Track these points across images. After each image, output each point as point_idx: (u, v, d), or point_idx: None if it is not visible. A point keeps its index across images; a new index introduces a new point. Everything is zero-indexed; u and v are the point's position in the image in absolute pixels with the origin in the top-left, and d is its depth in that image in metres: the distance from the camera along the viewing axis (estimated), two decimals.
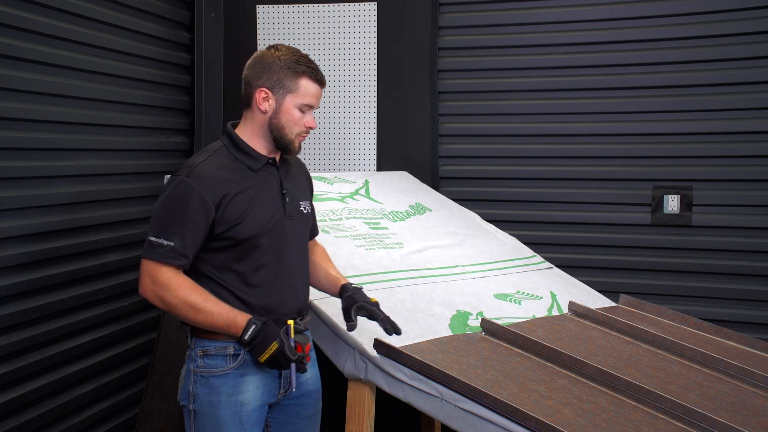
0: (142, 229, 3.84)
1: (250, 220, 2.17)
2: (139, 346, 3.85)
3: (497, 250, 3.48)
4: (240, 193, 2.18)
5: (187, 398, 2.23)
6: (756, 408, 2.35)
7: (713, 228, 3.86)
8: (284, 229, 2.26)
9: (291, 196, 2.30)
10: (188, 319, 2.14)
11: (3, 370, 2.97)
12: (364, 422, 2.52)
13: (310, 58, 2.29)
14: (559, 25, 4.05)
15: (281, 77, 2.20)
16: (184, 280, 2.12)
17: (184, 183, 2.12)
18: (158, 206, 2.15)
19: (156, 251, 2.10)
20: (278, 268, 2.24)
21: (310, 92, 2.22)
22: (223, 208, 2.14)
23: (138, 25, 3.78)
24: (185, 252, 2.11)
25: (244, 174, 2.21)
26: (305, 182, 2.45)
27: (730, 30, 3.79)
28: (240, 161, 2.22)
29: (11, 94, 3.00)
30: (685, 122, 3.89)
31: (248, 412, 2.22)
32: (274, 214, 2.24)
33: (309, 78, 2.22)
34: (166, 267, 2.10)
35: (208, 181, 2.13)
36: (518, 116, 4.14)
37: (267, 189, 2.24)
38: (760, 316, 3.78)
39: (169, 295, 2.10)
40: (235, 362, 2.20)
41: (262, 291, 2.22)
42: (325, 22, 4.25)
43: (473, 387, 2.23)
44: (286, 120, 2.22)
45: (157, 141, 4.00)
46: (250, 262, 2.20)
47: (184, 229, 2.10)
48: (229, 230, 2.15)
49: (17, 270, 3.04)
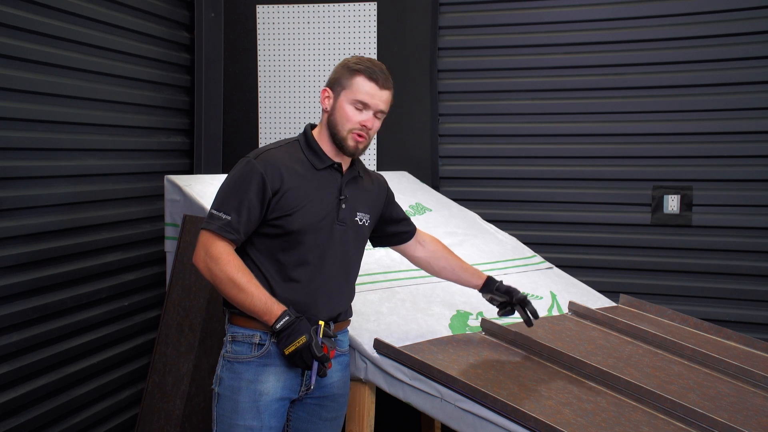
0: (142, 229, 3.84)
1: (300, 214, 2.23)
2: (139, 346, 3.85)
3: (497, 250, 3.48)
4: (298, 186, 2.24)
5: (215, 381, 2.31)
6: (756, 408, 2.35)
7: (713, 228, 3.86)
8: (333, 232, 2.29)
9: (349, 204, 2.33)
10: (229, 296, 2.20)
11: (3, 370, 2.97)
12: (364, 422, 2.52)
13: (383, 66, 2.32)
14: (559, 25, 4.05)
15: (340, 76, 2.29)
16: (234, 258, 2.19)
17: (251, 163, 2.22)
18: (224, 182, 2.26)
19: (213, 223, 2.20)
20: (318, 268, 2.28)
21: (364, 89, 2.26)
22: (280, 195, 2.21)
23: (138, 25, 3.78)
24: (239, 228, 2.19)
25: (307, 170, 2.28)
26: (375, 198, 2.45)
27: (730, 30, 3.79)
28: (308, 158, 2.30)
29: (11, 94, 3.00)
30: (685, 122, 3.89)
31: (266, 402, 2.24)
32: (327, 215, 2.28)
33: (364, 76, 2.27)
34: (221, 241, 2.18)
35: (271, 166, 2.22)
36: (518, 116, 4.14)
37: (325, 190, 2.29)
38: (760, 316, 3.78)
39: (217, 269, 2.17)
40: (260, 351, 2.24)
41: (297, 287, 2.25)
42: (325, 22, 4.25)
43: (473, 387, 2.23)
44: (340, 115, 2.28)
45: (157, 141, 4.00)
46: (294, 255, 2.25)
47: (241, 206, 2.19)
48: (280, 219, 2.22)
49: (17, 270, 3.04)
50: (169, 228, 3.29)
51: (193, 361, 3.08)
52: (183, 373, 3.11)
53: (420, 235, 2.63)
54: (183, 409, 3.07)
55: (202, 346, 3.07)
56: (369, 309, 2.71)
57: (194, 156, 4.28)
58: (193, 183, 3.26)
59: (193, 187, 3.22)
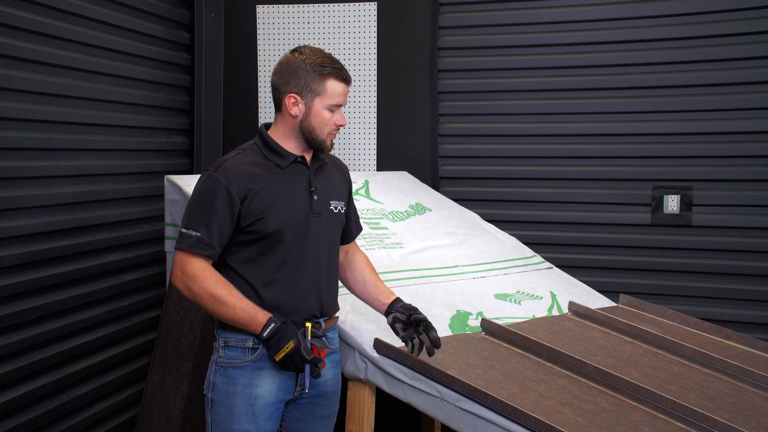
0: (142, 229, 3.84)
1: (273, 214, 2.23)
2: (139, 346, 3.85)
3: (497, 250, 3.48)
4: (265, 188, 2.24)
5: (208, 387, 2.30)
6: (756, 408, 2.35)
7: (713, 228, 3.86)
8: (309, 226, 2.29)
9: (320, 195, 2.33)
10: (212, 311, 2.20)
11: (3, 370, 2.97)
12: (364, 422, 2.52)
13: (333, 56, 2.32)
14: (559, 25, 4.05)
15: (308, 81, 2.25)
16: (210, 273, 2.19)
17: (212, 177, 2.22)
18: (190, 200, 2.26)
19: (185, 241, 2.20)
20: (300, 264, 2.28)
21: (338, 92, 2.27)
22: (248, 201, 2.21)
23: (138, 25, 3.78)
24: (211, 242, 2.19)
25: (271, 171, 2.27)
26: (342, 182, 2.46)
27: (730, 30, 3.79)
28: (269, 159, 2.29)
29: (11, 94, 3.00)
30: (685, 122, 3.89)
31: (262, 406, 2.24)
32: (300, 210, 2.28)
33: (335, 78, 2.27)
34: (195, 258, 2.18)
35: (234, 175, 2.21)
36: (518, 116, 4.14)
37: (294, 186, 2.29)
38: (760, 316, 3.78)
39: (195, 286, 2.17)
40: (254, 355, 2.24)
41: (281, 286, 2.25)
42: (325, 22, 4.25)
43: (473, 387, 2.23)
44: (317, 122, 2.27)
45: (157, 141, 4.00)
46: (275, 256, 2.25)
47: (210, 220, 2.18)
48: (254, 224, 2.22)
49: (17, 270, 3.04)
50: (169, 228, 3.29)
51: (193, 361, 3.08)
52: (183, 373, 3.11)
53: (352, 246, 2.55)
54: (183, 409, 3.07)
55: (202, 346, 3.07)
56: (369, 309, 2.71)
57: (194, 156, 4.28)
58: (193, 183, 3.26)
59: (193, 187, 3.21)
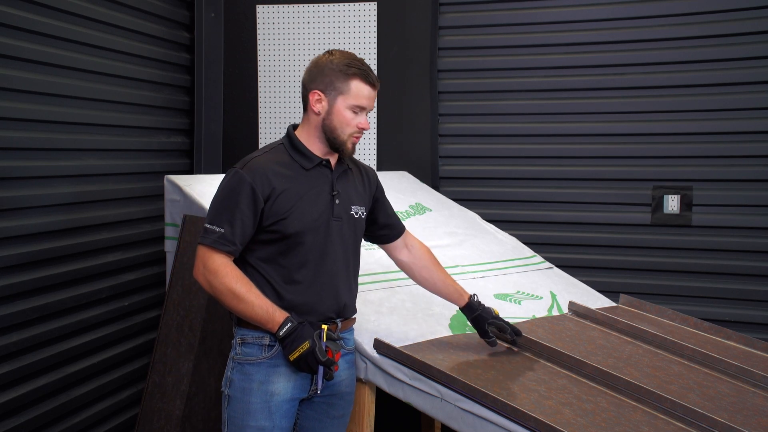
0: (142, 229, 3.84)
1: (296, 216, 2.24)
2: (139, 346, 3.85)
3: (497, 250, 3.48)
4: (289, 189, 2.25)
5: (225, 383, 2.32)
6: (756, 408, 2.35)
7: (713, 228, 3.86)
8: (330, 229, 2.30)
9: (342, 199, 2.34)
10: (230, 306, 2.21)
11: (3, 370, 2.97)
12: (364, 422, 2.52)
13: (364, 61, 2.32)
14: (559, 25, 4.05)
15: (333, 79, 2.26)
16: (232, 269, 2.20)
17: (238, 174, 2.23)
18: (215, 195, 2.27)
19: (208, 237, 2.21)
20: (320, 266, 2.29)
21: (362, 93, 2.27)
22: (272, 201, 2.22)
23: (138, 25, 3.78)
24: (234, 239, 2.20)
25: (296, 172, 2.28)
26: (364, 188, 2.45)
27: (730, 30, 3.79)
28: (295, 160, 2.30)
29: (11, 94, 3.00)
30: (685, 122, 3.89)
31: (278, 403, 2.25)
32: (322, 213, 2.29)
33: (360, 79, 2.27)
34: (217, 254, 2.20)
35: (259, 174, 2.22)
36: (518, 116, 4.14)
37: (317, 189, 2.30)
38: (760, 316, 3.78)
39: (216, 281, 2.18)
40: (270, 352, 2.25)
41: (301, 288, 2.26)
42: (325, 22, 4.25)
43: (473, 387, 2.23)
44: (339, 121, 2.28)
45: (157, 141, 4.00)
46: (295, 257, 2.26)
47: (233, 217, 2.20)
48: (276, 224, 2.23)
49: (17, 270, 3.04)
50: (169, 228, 3.29)
51: (193, 361, 3.08)
52: (183, 373, 3.11)
53: (408, 238, 2.59)
54: (183, 409, 3.07)
55: (202, 346, 3.07)
56: (369, 309, 2.71)
57: (194, 156, 4.28)
58: (193, 183, 3.26)
59: (193, 187, 3.22)
